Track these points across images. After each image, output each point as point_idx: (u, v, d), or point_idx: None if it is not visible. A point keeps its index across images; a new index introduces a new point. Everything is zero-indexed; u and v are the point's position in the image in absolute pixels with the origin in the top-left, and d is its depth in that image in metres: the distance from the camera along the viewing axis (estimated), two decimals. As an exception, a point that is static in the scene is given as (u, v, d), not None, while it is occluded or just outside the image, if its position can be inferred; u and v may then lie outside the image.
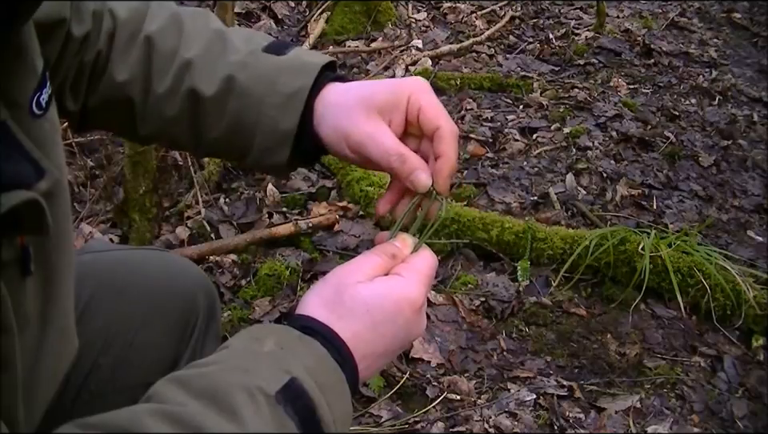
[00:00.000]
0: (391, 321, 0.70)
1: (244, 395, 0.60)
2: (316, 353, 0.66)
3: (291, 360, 0.64)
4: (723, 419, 1.75)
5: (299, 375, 0.63)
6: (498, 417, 1.68)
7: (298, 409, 0.61)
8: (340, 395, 0.65)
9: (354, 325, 0.69)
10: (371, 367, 0.71)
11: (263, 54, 0.82)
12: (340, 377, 0.66)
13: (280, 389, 0.61)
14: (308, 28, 3.67)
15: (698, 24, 4.27)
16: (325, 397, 0.63)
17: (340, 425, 0.65)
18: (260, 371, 0.63)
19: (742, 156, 2.89)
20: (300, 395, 0.62)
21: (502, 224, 2.16)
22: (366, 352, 0.69)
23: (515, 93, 3.23)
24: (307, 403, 0.62)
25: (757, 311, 1.95)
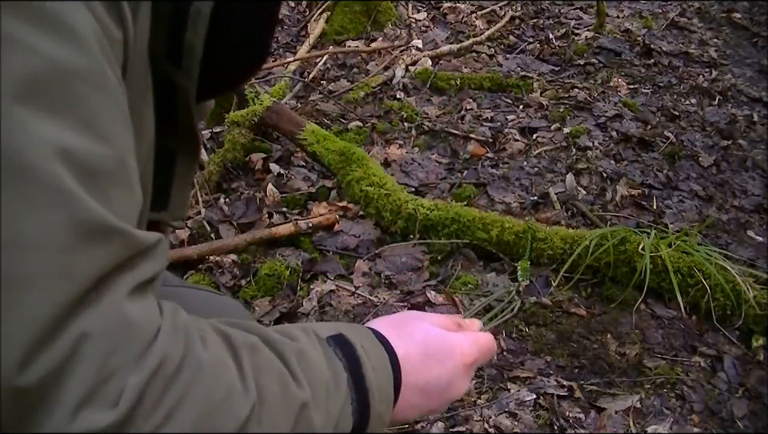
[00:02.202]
0: (441, 360, 0.75)
1: (299, 330, 0.66)
2: (365, 332, 0.72)
3: (341, 326, 0.71)
4: (723, 419, 1.75)
5: (348, 334, 0.69)
6: (497, 417, 1.68)
7: (345, 354, 0.66)
8: (384, 373, 0.69)
9: (409, 346, 0.74)
10: (407, 398, 0.73)
11: None
12: (385, 359, 0.70)
13: (331, 335, 0.68)
14: (308, 28, 3.67)
15: (698, 24, 4.27)
16: (370, 362, 0.68)
17: (381, 403, 0.68)
18: (312, 324, 0.70)
19: (742, 156, 2.89)
20: (348, 345, 0.68)
21: (502, 224, 2.16)
22: (409, 378, 0.73)
23: (515, 93, 3.23)
24: (354, 354, 0.67)
25: (757, 311, 1.95)
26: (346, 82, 3.25)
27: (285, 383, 0.59)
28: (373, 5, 3.72)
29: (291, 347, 0.63)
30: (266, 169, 2.57)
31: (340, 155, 2.42)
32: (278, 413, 0.58)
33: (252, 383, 0.57)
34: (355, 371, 0.66)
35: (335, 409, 0.63)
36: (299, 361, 0.62)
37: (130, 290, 0.53)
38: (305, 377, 0.61)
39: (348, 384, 0.65)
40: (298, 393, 0.60)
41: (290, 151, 2.64)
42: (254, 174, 2.55)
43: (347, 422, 0.65)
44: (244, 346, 0.59)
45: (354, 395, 0.65)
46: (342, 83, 3.24)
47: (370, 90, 3.13)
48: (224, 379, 0.55)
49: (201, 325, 0.59)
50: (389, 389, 0.70)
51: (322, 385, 0.63)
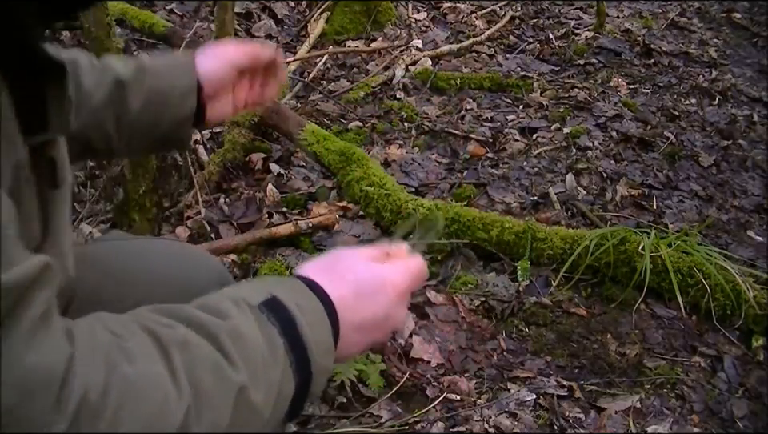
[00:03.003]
0: (374, 296, 0.76)
1: (229, 302, 0.66)
2: (298, 287, 0.72)
3: (273, 286, 0.70)
4: (723, 419, 1.75)
5: (281, 296, 0.69)
6: (498, 417, 1.68)
7: (279, 318, 0.67)
8: (321, 326, 0.70)
9: (342, 289, 0.74)
10: (348, 339, 0.74)
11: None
12: (321, 311, 0.71)
13: (262, 301, 0.67)
14: (308, 28, 3.67)
15: (698, 24, 4.27)
16: (305, 319, 0.68)
17: (322, 355, 0.69)
18: (243, 289, 0.70)
19: (742, 156, 2.89)
20: (281, 309, 0.68)
21: (502, 224, 2.16)
22: (346, 318, 0.73)
23: (515, 93, 3.23)
24: (288, 316, 0.67)
25: (757, 311, 1.95)
26: (346, 82, 3.25)
27: (220, 371, 0.60)
28: (373, 5, 3.72)
29: (223, 327, 0.63)
30: (266, 169, 2.57)
31: (340, 155, 2.42)
32: (217, 404, 0.59)
33: (185, 382, 0.57)
34: (291, 333, 0.66)
35: (275, 378, 0.64)
36: (233, 341, 0.62)
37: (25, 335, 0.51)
38: (240, 356, 0.62)
39: (285, 348, 0.66)
40: (234, 378, 0.60)
41: (290, 151, 2.64)
42: (254, 174, 2.55)
43: (289, 385, 0.66)
44: (174, 343, 0.59)
45: (292, 357, 0.66)
46: (341, 83, 3.24)
47: (370, 90, 3.13)
48: (155, 390, 0.56)
49: (126, 329, 0.59)
50: (328, 340, 0.71)
51: (258, 359, 0.63)
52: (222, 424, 0.59)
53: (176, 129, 1.05)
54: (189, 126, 1.05)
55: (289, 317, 0.67)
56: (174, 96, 1.03)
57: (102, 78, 1.01)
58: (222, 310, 0.65)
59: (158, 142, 1.07)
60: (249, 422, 0.63)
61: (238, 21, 3.51)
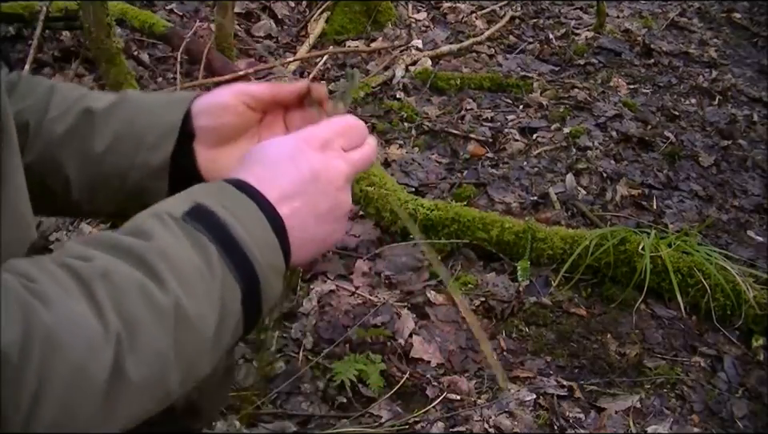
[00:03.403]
0: (288, 157, 0.70)
1: (152, 220, 0.62)
2: (223, 188, 0.67)
3: (197, 194, 0.66)
4: (723, 419, 1.75)
5: (206, 201, 0.64)
6: (498, 417, 1.68)
7: (207, 225, 0.62)
8: (255, 222, 0.65)
9: (255, 169, 0.70)
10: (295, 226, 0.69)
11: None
12: (252, 206, 0.66)
13: (187, 211, 0.63)
14: (308, 28, 3.67)
15: (698, 24, 4.27)
16: (237, 220, 0.63)
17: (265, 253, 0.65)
18: (166, 203, 0.65)
19: (742, 156, 2.89)
20: (208, 214, 0.63)
21: (502, 224, 2.16)
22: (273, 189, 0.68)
23: (515, 93, 3.23)
24: (216, 220, 0.63)
25: (757, 311, 1.95)
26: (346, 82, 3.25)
27: (149, 294, 0.56)
28: (373, 5, 3.72)
29: (148, 247, 0.59)
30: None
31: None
32: (151, 329, 0.56)
33: (112, 314, 0.54)
34: (223, 237, 0.62)
35: (215, 287, 0.61)
36: (160, 259, 0.58)
37: None
38: (170, 274, 0.58)
39: (220, 255, 0.61)
40: (166, 297, 0.57)
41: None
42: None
43: (234, 291, 0.62)
44: (95, 275, 0.55)
45: (229, 262, 0.62)
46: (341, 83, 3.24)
47: (370, 90, 3.13)
48: (79, 331, 0.52)
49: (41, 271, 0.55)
50: (267, 236, 0.65)
51: (191, 272, 0.60)
52: (162, 348, 0.56)
53: (148, 182, 0.82)
54: (163, 180, 0.82)
55: (217, 221, 0.63)
56: (150, 135, 0.82)
57: (72, 106, 0.84)
58: (145, 229, 0.61)
59: (126, 198, 0.84)
60: (195, 338, 0.59)
61: (238, 21, 3.51)
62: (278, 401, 1.69)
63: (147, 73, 3.16)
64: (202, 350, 0.61)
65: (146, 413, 0.58)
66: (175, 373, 0.59)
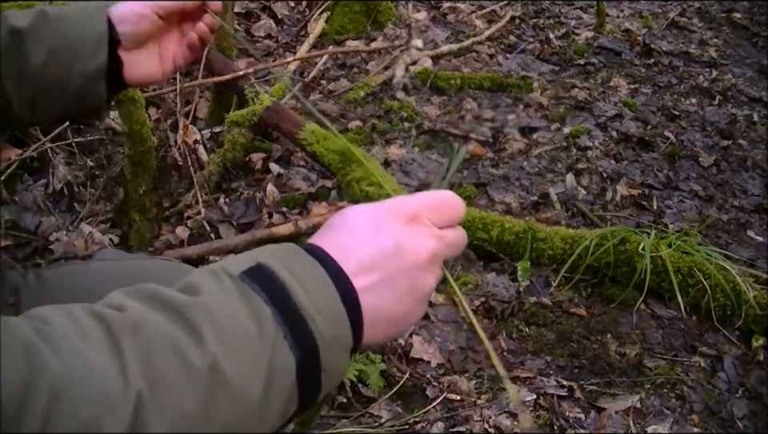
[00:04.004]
0: (372, 227, 0.63)
1: (206, 275, 0.57)
2: (292, 251, 0.61)
3: (261, 254, 0.60)
4: (723, 419, 1.75)
5: (268, 262, 0.58)
6: (498, 417, 1.68)
7: (265, 286, 0.57)
8: (322, 289, 0.59)
9: (332, 236, 0.64)
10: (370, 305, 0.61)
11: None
12: (317, 268, 0.59)
13: (245, 270, 0.57)
14: (308, 28, 3.67)
15: (698, 24, 4.27)
16: (300, 284, 0.57)
17: (329, 322, 0.58)
18: (227, 261, 0.60)
19: (742, 156, 2.89)
20: (268, 274, 0.57)
21: (502, 224, 2.16)
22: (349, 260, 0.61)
23: (515, 93, 3.23)
24: (276, 281, 0.57)
25: (757, 311, 1.95)
26: (346, 82, 3.25)
27: (182, 352, 0.51)
28: (373, 5, 3.72)
29: (192, 302, 0.54)
30: (265, 169, 2.57)
31: (340, 155, 2.42)
32: (179, 389, 0.51)
33: (136, 370, 0.49)
34: (281, 301, 0.56)
35: (264, 352, 0.54)
36: (203, 316, 0.53)
37: None
38: (212, 333, 0.53)
39: (275, 318, 0.55)
40: (201, 357, 0.52)
41: (290, 151, 2.64)
42: (254, 174, 2.55)
43: (287, 359, 0.55)
44: (125, 327, 0.51)
45: (285, 329, 0.55)
46: (342, 83, 3.24)
47: (370, 90, 3.13)
48: (92, 385, 0.48)
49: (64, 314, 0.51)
50: (334, 305, 0.58)
51: (237, 333, 0.54)
52: (191, 408, 0.51)
53: (88, 86, 0.92)
54: (101, 82, 0.93)
55: (276, 282, 0.57)
56: (84, 46, 0.90)
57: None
58: (194, 284, 0.56)
59: (68, 104, 0.93)
60: (233, 403, 0.53)
61: (238, 21, 3.51)
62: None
63: (147, 73, 3.16)
64: (241, 419, 0.54)
65: None
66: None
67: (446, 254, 0.67)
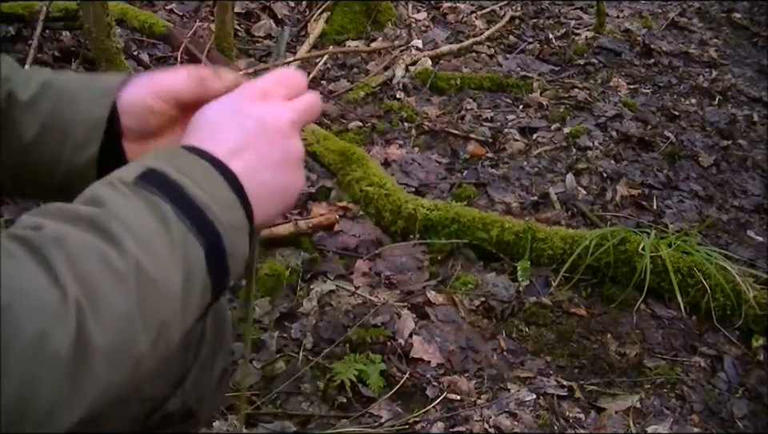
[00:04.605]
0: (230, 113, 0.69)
1: (104, 187, 0.60)
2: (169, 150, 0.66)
3: (148, 160, 0.64)
4: (723, 419, 1.75)
5: (157, 165, 0.62)
6: (498, 417, 1.68)
7: (160, 186, 0.60)
8: (210, 180, 0.63)
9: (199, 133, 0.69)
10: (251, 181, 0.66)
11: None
12: (200, 162, 0.64)
13: (138, 175, 0.61)
14: (308, 28, 3.67)
15: (698, 24, 4.27)
16: (190, 179, 0.62)
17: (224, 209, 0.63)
18: (116, 172, 0.63)
19: (742, 156, 2.89)
20: (160, 175, 0.61)
21: (502, 224, 2.16)
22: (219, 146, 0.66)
23: (515, 93, 3.23)
24: (169, 181, 0.61)
25: (757, 311, 1.95)
26: (346, 82, 3.25)
27: (106, 258, 0.54)
28: (373, 5, 3.72)
29: (102, 212, 0.57)
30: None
31: (340, 155, 2.42)
32: (113, 292, 0.54)
33: (69, 280, 0.51)
34: (177, 196, 0.60)
35: (176, 246, 0.59)
36: (115, 222, 0.56)
37: None
38: (126, 235, 0.56)
39: (177, 214, 0.59)
40: (124, 260, 0.55)
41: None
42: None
43: (196, 249, 0.60)
44: (47, 241, 0.53)
45: (188, 222, 0.60)
46: (342, 83, 3.24)
47: (370, 90, 3.13)
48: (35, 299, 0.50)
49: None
50: (225, 194, 0.63)
51: (150, 233, 0.58)
52: (125, 310, 0.54)
53: (76, 176, 0.79)
54: (92, 171, 0.79)
55: (168, 180, 0.61)
56: (77, 132, 0.79)
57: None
58: (95, 196, 0.59)
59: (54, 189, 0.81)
60: (160, 299, 0.57)
61: (238, 21, 3.51)
62: (278, 401, 1.69)
63: (147, 73, 3.16)
64: (170, 311, 0.58)
65: (115, 386, 0.55)
66: (144, 336, 0.56)
67: (304, 118, 0.72)
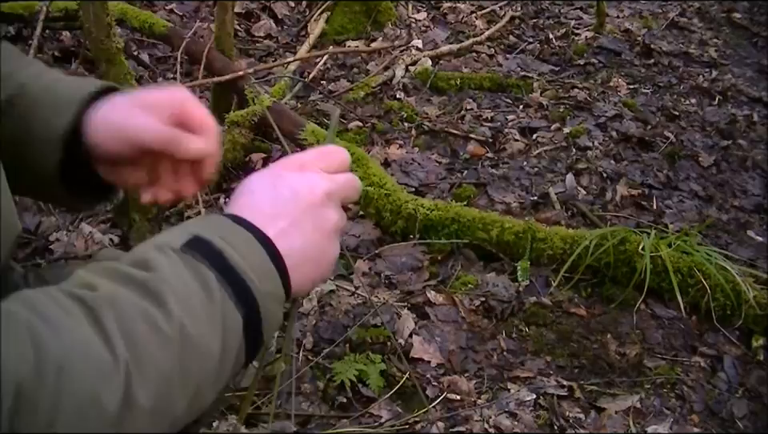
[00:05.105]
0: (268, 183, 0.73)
1: (153, 251, 0.64)
2: (213, 218, 0.70)
3: (193, 227, 0.67)
4: (723, 419, 1.75)
5: (200, 232, 0.66)
6: (497, 417, 1.68)
7: (205, 254, 0.64)
8: (251, 250, 0.67)
9: (239, 201, 0.72)
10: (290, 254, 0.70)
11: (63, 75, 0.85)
12: (241, 231, 0.68)
13: (184, 243, 0.65)
14: (308, 28, 3.67)
15: (698, 24, 4.27)
16: (233, 248, 0.65)
17: (262, 279, 0.66)
18: (165, 235, 0.67)
19: (742, 156, 2.89)
20: (205, 244, 0.65)
21: (502, 224, 2.16)
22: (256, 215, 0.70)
23: (515, 93, 3.23)
24: (213, 249, 0.65)
25: (757, 311, 1.95)
26: (346, 82, 3.25)
27: (154, 322, 0.58)
28: (373, 5, 3.72)
29: (152, 277, 0.61)
30: (266, 169, 2.57)
31: (340, 155, 2.42)
32: (157, 354, 0.57)
33: (119, 341, 0.55)
34: (221, 265, 0.64)
35: (216, 313, 0.62)
36: (164, 287, 0.60)
37: None
38: (175, 301, 0.59)
39: (218, 281, 0.63)
40: (170, 324, 0.58)
41: (290, 151, 2.64)
42: (254, 174, 2.55)
43: (235, 318, 0.63)
44: (102, 302, 0.56)
45: (228, 289, 0.63)
46: (342, 83, 3.24)
47: (370, 90, 3.13)
48: (90, 360, 0.53)
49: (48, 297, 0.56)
50: (264, 264, 0.67)
51: (194, 299, 0.61)
52: (168, 372, 0.57)
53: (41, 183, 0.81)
54: (55, 185, 0.80)
55: (214, 250, 0.64)
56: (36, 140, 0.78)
57: None
58: (147, 260, 0.62)
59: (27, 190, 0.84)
60: (200, 363, 0.60)
61: (238, 21, 3.52)
62: (278, 401, 1.69)
63: (147, 73, 3.17)
64: (207, 376, 0.62)
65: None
66: (182, 399, 0.59)
67: (341, 193, 0.75)
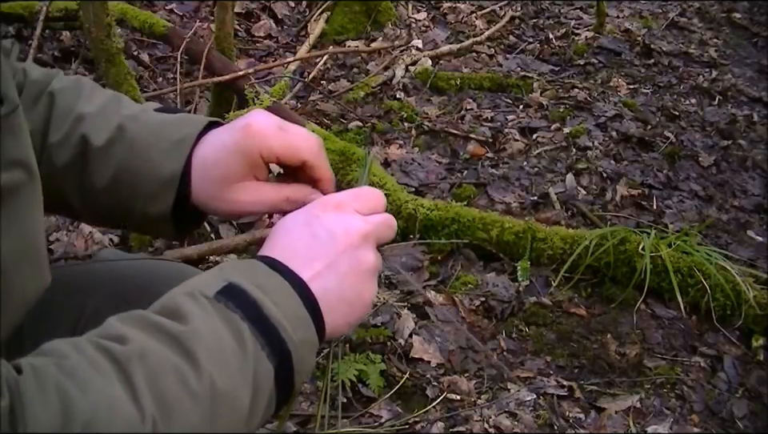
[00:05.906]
0: (303, 223, 0.72)
1: (185, 297, 0.63)
2: (248, 263, 0.69)
3: (228, 273, 0.66)
4: (723, 419, 1.75)
5: (237, 280, 0.65)
6: (498, 417, 1.68)
7: (239, 304, 0.63)
8: (287, 299, 0.66)
9: (277, 243, 0.72)
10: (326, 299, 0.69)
11: (154, 111, 0.86)
12: (277, 279, 0.67)
13: (219, 290, 0.64)
14: (308, 28, 3.67)
15: (698, 24, 4.27)
16: (268, 297, 0.64)
17: (296, 327, 0.65)
18: (198, 281, 0.66)
19: (742, 156, 2.89)
20: (240, 292, 0.64)
21: (502, 224, 2.16)
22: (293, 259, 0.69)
23: (515, 93, 3.23)
24: (248, 299, 0.64)
25: (757, 311, 1.95)
26: (346, 82, 3.25)
27: (184, 378, 0.57)
28: (373, 5, 3.72)
29: (184, 330, 0.60)
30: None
31: (340, 155, 2.42)
32: (186, 411, 0.56)
33: (147, 398, 0.55)
34: (255, 316, 0.63)
35: (248, 365, 0.61)
36: (196, 341, 0.59)
37: None
38: (206, 356, 0.59)
39: (252, 332, 0.62)
40: (200, 380, 0.58)
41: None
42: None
43: (267, 368, 0.63)
44: (131, 356, 0.56)
45: (262, 340, 0.62)
46: (342, 83, 3.24)
47: (370, 90, 3.13)
48: (117, 418, 0.53)
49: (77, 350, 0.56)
50: (300, 311, 0.66)
51: (226, 352, 0.60)
52: (197, 426, 0.57)
53: (151, 223, 0.83)
54: (166, 222, 0.82)
55: (249, 300, 0.64)
56: (146, 186, 0.80)
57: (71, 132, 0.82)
58: (179, 310, 0.62)
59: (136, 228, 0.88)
60: (229, 417, 0.60)
61: (238, 21, 3.51)
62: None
63: (147, 73, 3.16)
64: (236, 427, 0.61)
65: None
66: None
67: (377, 234, 0.73)
